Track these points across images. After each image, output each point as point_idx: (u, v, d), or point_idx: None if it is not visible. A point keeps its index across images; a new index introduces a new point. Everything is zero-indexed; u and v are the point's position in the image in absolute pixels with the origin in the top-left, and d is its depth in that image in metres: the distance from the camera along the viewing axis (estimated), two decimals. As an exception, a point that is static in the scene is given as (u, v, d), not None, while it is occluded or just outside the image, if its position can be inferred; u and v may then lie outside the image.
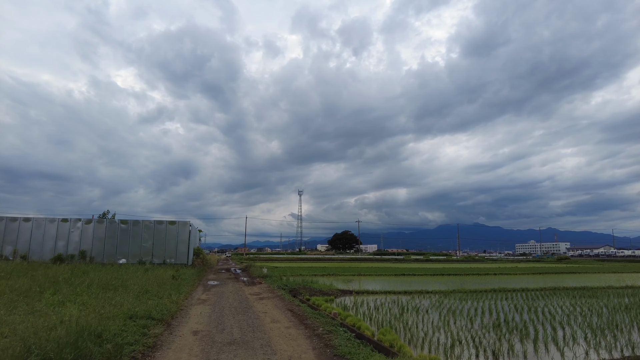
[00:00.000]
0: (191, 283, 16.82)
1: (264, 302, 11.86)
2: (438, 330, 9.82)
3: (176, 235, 24.71)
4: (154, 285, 13.05)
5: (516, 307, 14.22)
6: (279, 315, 9.46)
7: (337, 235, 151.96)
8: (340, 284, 22.68)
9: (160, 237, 24.54)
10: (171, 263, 24.05)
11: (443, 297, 17.69)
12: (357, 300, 15.81)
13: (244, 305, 11.23)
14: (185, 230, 25.00)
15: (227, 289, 15.98)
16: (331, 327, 8.02)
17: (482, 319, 11.50)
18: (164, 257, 24.32)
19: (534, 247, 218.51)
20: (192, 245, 26.33)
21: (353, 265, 56.35)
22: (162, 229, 24.69)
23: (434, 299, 17.16)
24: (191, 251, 26.10)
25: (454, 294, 18.65)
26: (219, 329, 7.90)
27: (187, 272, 19.88)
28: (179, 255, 24.58)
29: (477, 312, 12.99)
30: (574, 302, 15.65)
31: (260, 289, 15.72)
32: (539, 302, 15.73)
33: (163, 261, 24.13)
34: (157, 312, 8.47)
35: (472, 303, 15.37)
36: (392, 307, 14.32)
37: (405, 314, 12.58)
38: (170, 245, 24.56)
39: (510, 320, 10.99)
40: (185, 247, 24.84)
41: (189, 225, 25.26)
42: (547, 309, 13.53)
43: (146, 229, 24.54)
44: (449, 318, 11.63)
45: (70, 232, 24.27)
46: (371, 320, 11.44)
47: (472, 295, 18.04)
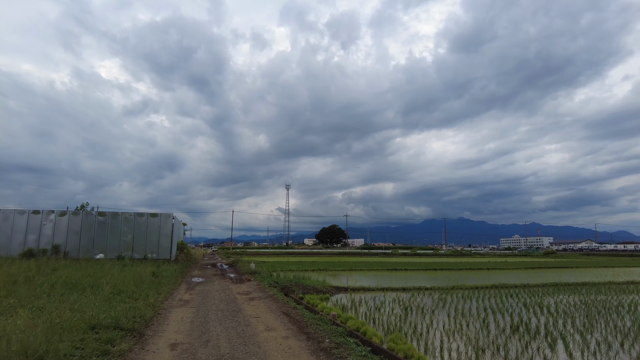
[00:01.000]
0: (173, 281, 15.39)
1: (254, 304, 10.52)
2: (453, 335, 8.67)
3: (158, 228, 23.11)
4: (130, 284, 11.58)
5: (526, 305, 13.22)
6: (274, 321, 8.13)
7: (325, 229, 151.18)
8: (333, 280, 21.52)
9: (141, 230, 22.90)
10: (153, 258, 22.48)
11: (444, 294, 16.65)
12: (353, 298, 14.62)
13: (232, 308, 9.87)
14: (168, 223, 23.40)
15: (213, 287, 14.59)
16: (339, 337, 6.72)
17: (497, 321, 10.41)
18: (145, 251, 22.71)
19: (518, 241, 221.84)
20: (175, 239, 24.77)
21: (342, 259, 55.38)
22: (143, 221, 23.05)
23: (435, 296, 16.10)
24: (174, 245, 24.55)
25: (455, 291, 17.63)
26: (203, 341, 6.53)
27: (170, 268, 18.40)
28: (161, 250, 23.01)
29: (487, 312, 11.93)
30: (583, 300, 14.74)
31: (250, 287, 14.38)
32: (546, 299, 14.78)
33: (144, 256, 22.52)
34: (128, 319, 6.99)
35: (478, 302, 14.33)
36: (394, 306, 13.18)
37: (410, 315, 11.44)
38: (151, 239, 22.95)
39: (528, 322, 9.91)
40: (167, 241, 23.25)
41: (172, 217, 23.68)
42: (561, 308, 12.54)
43: (126, 222, 22.87)
44: (460, 320, 10.51)
45: (43, 225, 22.44)
46: (375, 323, 10.26)
47: (475, 293, 17.04)
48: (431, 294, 16.81)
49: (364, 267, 33.16)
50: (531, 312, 12.06)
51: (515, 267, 36.23)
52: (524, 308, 12.78)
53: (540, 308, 12.58)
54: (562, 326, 9.68)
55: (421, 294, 16.57)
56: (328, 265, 35.58)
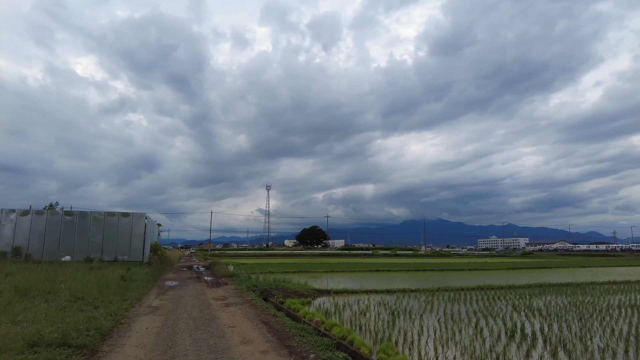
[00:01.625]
0: (144, 285, 14.27)
1: (230, 311, 9.60)
2: (446, 344, 8.00)
3: (130, 229, 21.77)
4: (93, 290, 10.47)
5: (516, 308, 12.74)
6: (251, 331, 7.25)
7: (306, 230, 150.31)
8: (315, 283, 20.73)
9: (111, 231, 21.53)
10: (124, 260, 21.14)
11: (430, 296, 16.10)
12: (337, 301, 13.86)
13: (206, 316, 8.93)
14: (141, 224, 22.09)
15: (187, 291, 13.56)
16: (325, 351, 5.91)
17: (490, 326, 9.83)
18: (116, 253, 21.35)
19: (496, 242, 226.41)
20: (148, 241, 23.47)
21: (323, 260, 54.65)
22: (113, 221, 21.67)
23: (421, 299, 15.52)
24: (147, 247, 23.26)
25: (441, 293, 17.12)
26: (167, 358, 5.60)
27: (141, 271, 17.21)
28: (133, 252, 21.68)
29: (478, 316, 11.36)
30: (571, 301, 14.41)
31: (226, 292, 13.41)
32: (534, 301, 14.37)
33: (115, 258, 21.16)
34: (79, 332, 5.95)
35: (466, 304, 13.79)
36: (380, 310, 12.49)
37: (398, 320, 10.75)
38: (123, 240, 21.60)
39: (522, 327, 9.36)
40: (140, 242, 21.94)
41: (145, 217, 22.38)
42: (552, 311, 12.11)
43: (95, 222, 21.46)
44: (451, 325, 9.88)
45: (2, 225, 20.78)
46: (361, 330, 9.52)
47: (461, 295, 16.56)
48: (417, 296, 16.24)
49: (345, 269, 32.53)
50: (523, 315, 11.57)
51: (496, 268, 36.30)
52: (514, 311, 12.29)
53: (531, 311, 12.11)
54: (558, 331, 9.15)
55: (407, 297, 15.97)
56: (309, 266, 34.81)
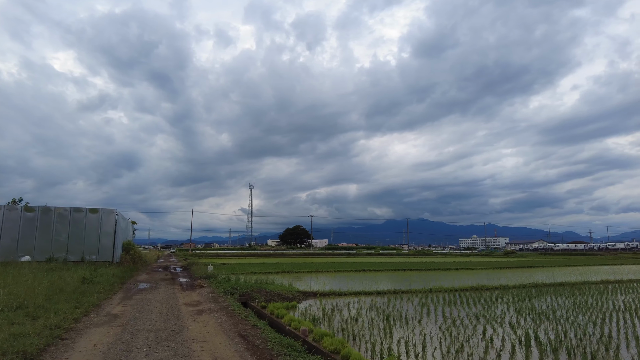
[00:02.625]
0: (108, 288, 12.71)
1: (203, 320, 8.20)
2: (457, 358, 6.84)
3: (98, 226, 19.98)
4: (40, 296, 8.92)
5: (518, 311, 11.73)
6: (225, 349, 5.88)
7: (289, 230, 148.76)
8: (300, 284, 19.45)
9: (78, 228, 19.71)
10: (92, 260, 19.39)
11: (424, 297, 15.03)
12: (325, 305, 12.61)
13: (173, 326, 7.51)
14: (110, 221, 20.33)
15: (157, 295, 12.06)
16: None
17: (498, 334, 8.73)
18: (83, 253, 19.55)
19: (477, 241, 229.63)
20: (120, 239, 21.72)
21: (307, 260, 53.38)
22: (80, 218, 19.85)
23: (414, 301, 14.42)
24: (119, 246, 21.51)
25: (434, 294, 16.09)
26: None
27: (108, 273, 15.58)
28: (102, 251, 19.92)
29: (481, 321, 10.29)
30: (572, 302, 13.54)
31: (201, 296, 11.97)
32: (536, 303, 13.43)
33: (81, 258, 19.37)
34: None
35: (464, 307, 12.73)
36: (372, 314, 11.30)
37: (395, 327, 9.58)
38: (90, 238, 19.81)
39: (536, 335, 8.29)
40: (110, 240, 20.19)
41: (115, 214, 20.63)
42: (558, 314, 11.14)
43: (60, 219, 19.61)
44: (456, 333, 8.75)
45: (-48, 222, 18.76)
46: (355, 340, 8.29)
47: (455, 296, 15.54)
48: (409, 298, 15.14)
49: (331, 269, 31.34)
50: (529, 320, 10.54)
51: (483, 267, 35.69)
52: (518, 315, 11.26)
53: (537, 315, 11.10)
54: (576, 339, 8.12)
55: (399, 299, 14.84)
56: (293, 266, 33.50)
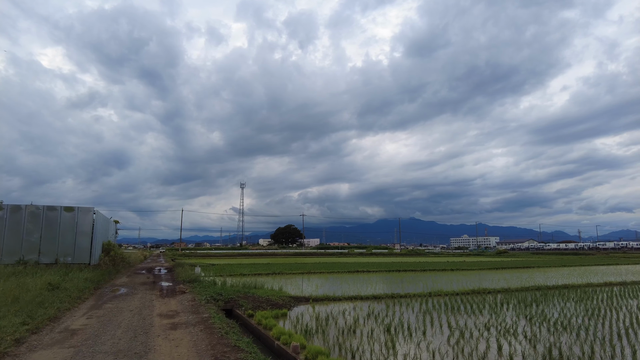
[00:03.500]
0: (77, 295, 11.41)
1: (176, 337, 6.99)
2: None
3: (74, 225, 18.57)
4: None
5: (530, 319, 10.73)
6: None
7: (280, 229, 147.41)
8: (291, 287, 18.31)
9: (51, 228, 18.27)
10: (67, 262, 18.00)
11: (424, 303, 13.98)
12: (318, 313, 11.49)
13: (138, 347, 6.29)
14: (87, 220, 18.92)
15: (131, 303, 10.80)
16: None
17: (515, 349, 7.68)
18: (57, 254, 18.13)
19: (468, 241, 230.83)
20: (98, 239, 20.31)
21: (299, 260, 52.21)
22: (54, 217, 18.41)
23: (414, 306, 13.37)
24: (97, 247, 20.11)
25: (435, 299, 15.04)
26: None
27: (81, 277, 14.24)
28: (78, 252, 18.52)
29: (492, 332, 9.25)
30: (586, 308, 12.58)
31: (180, 304, 10.73)
32: (546, 309, 12.45)
33: (55, 260, 17.96)
34: None
35: (470, 315, 11.68)
36: (371, 324, 10.20)
37: (398, 341, 8.48)
38: (66, 239, 18.39)
39: (561, 353, 7.26)
40: (86, 241, 18.78)
41: (93, 212, 19.22)
42: (575, 323, 10.16)
43: (32, 217, 18.16)
44: (470, 349, 7.68)
45: None
46: (354, 358, 7.19)
47: (457, 301, 14.49)
48: (409, 303, 14.07)
49: (323, 269, 30.21)
50: (544, 330, 9.52)
51: (478, 268, 34.80)
52: (531, 325, 10.24)
53: (553, 325, 10.08)
54: (609, 357, 7.10)
55: (397, 304, 13.77)
56: (284, 267, 32.32)
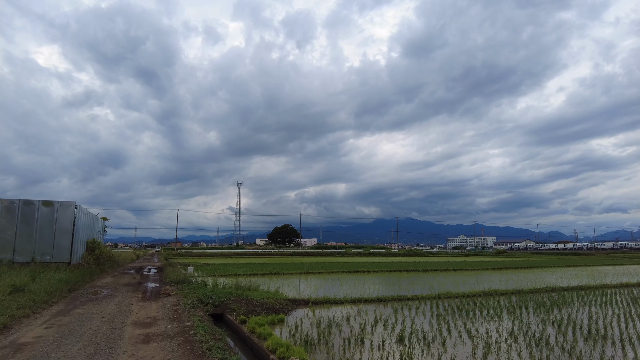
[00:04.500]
0: (45, 299, 10.01)
1: (145, 355, 5.58)
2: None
3: (53, 221, 17.13)
4: None
5: (559, 327, 9.45)
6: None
7: (278, 229, 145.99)
8: (288, 289, 16.98)
9: (28, 224, 16.83)
10: (44, 262, 16.57)
11: (434, 306, 12.68)
12: (319, 319, 10.14)
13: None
14: (68, 215, 17.47)
15: (105, 308, 9.42)
16: None
17: None
18: (34, 253, 16.68)
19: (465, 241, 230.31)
20: (81, 237, 18.86)
21: (296, 260, 50.85)
22: (30, 212, 16.96)
23: (425, 309, 12.08)
24: (79, 245, 18.67)
25: (445, 301, 13.76)
26: None
27: (55, 277, 12.81)
28: (57, 251, 17.09)
29: (520, 342, 7.96)
30: (616, 312, 11.33)
31: (162, 309, 9.35)
32: (572, 312, 11.17)
33: (32, 259, 16.52)
34: None
35: (489, 321, 10.37)
36: (380, 332, 8.88)
37: (415, 356, 7.16)
38: (44, 236, 16.95)
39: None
40: (67, 238, 17.33)
41: (74, 207, 17.76)
42: (613, 332, 8.89)
43: (6, 213, 16.70)
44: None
45: None
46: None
47: (469, 303, 13.19)
48: (418, 306, 12.76)
49: (322, 269, 28.84)
50: (580, 339, 8.25)
51: (481, 268, 33.52)
52: (559, 333, 8.94)
53: (588, 333, 8.79)
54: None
55: (405, 307, 12.46)
56: (281, 267, 30.93)
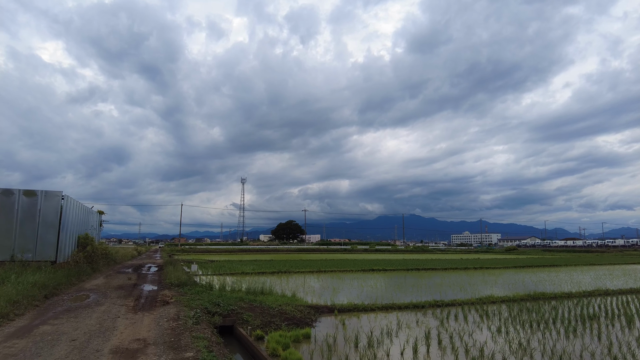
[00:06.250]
0: (6, 310, 7.86)
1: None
2: None
3: (36, 214, 14.99)
4: None
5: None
6: None
7: (282, 225, 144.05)
8: (304, 290, 14.84)
9: (6, 216, 14.67)
10: (26, 260, 14.46)
11: (481, 313, 10.51)
12: (356, 335, 7.93)
13: None
14: (53, 206, 15.29)
15: (81, 324, 7.26)
16: None
17: None
18: (14, 249, 14.54)
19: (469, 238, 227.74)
20: (69, 231, 16.70)
21: (303, 257, 48.70)
22: (9, 204, 14.79)
23: (475, 319, 9.92)
24: (67, 241, 16.52)
25: (489, 307, 11.57)
26: None
27: (29, 281, 10.64)
28: (41, 247, 14.95)
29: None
30: None
31: (156, 326, 7.17)
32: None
33: (11, 257, 14.39)
34: None
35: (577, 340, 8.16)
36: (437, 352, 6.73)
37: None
38: (25, 230, 14.81)
39: None
40: (53, 233, 15.18)
41: (61, 197, 15.60)
42: None
43: (-17, 204, 14.58)
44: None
45: None
46: None
47: (521, 309, 10.96)
48: (465, 315, 10.55)
49: (333, 267, 26.59)
50: None
51: (502, 266, 31.15)
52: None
53: None
54: None
55: (451, 317, 10.28)
56: (290, 265, 28.66)
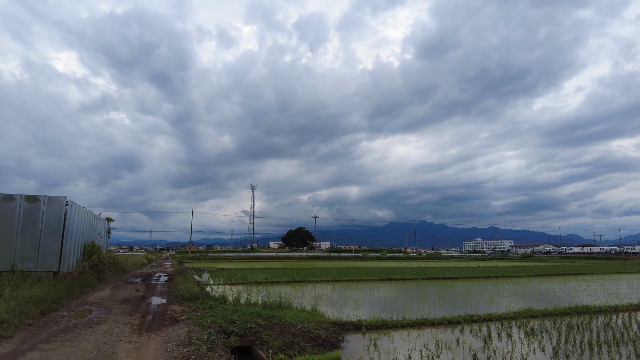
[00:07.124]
0: None
1: None
2: None
3: (38, 220, 14.09)
4: None
5: None
6: None
7: (292, 231, 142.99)
8: (324, 303, 13.62)
9: (7, 223, 13.80)
10: (27, 270, 13.54)
11: (528, 331, 9.24)
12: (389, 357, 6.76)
13: None
14: (56, 212, 14.37)
15: (74, 351, 6.15)
16: None
17: None
18: (14, 258, 13.62)
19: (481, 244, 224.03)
20: (74, 239, 15.76)
21: (315, 265, 47.39)
22: (10, 210, 13.90)
23: (521, 337, 8.66)
24: (72, 249, 15.58)
25: (531, 321, 10.27)
26: None
27: (23, 295, 9.64)
28: (43, 256, 14.02)
29: None
30: None
31: (162, 352, 6.02)
32: None
33: (11, 267, 13.48)
34: None
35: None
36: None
37: None
38: (26, 238, 13.89)
39: None
40: (56, 241, 14.24)
41: (65, 203, 14.68)
42: None
43: (-18, 210, 13.73)
44: None
45: None
46: None
47: (590, 330, 9.64)
48: (509, 332, 9.30)
49: (350, 276, 25.29)
50: None
51: (525, 275, 29.40)
52: None
53: None
54: None
55: (494, 334, 9.04)
56: (303, 273, 27.43)
